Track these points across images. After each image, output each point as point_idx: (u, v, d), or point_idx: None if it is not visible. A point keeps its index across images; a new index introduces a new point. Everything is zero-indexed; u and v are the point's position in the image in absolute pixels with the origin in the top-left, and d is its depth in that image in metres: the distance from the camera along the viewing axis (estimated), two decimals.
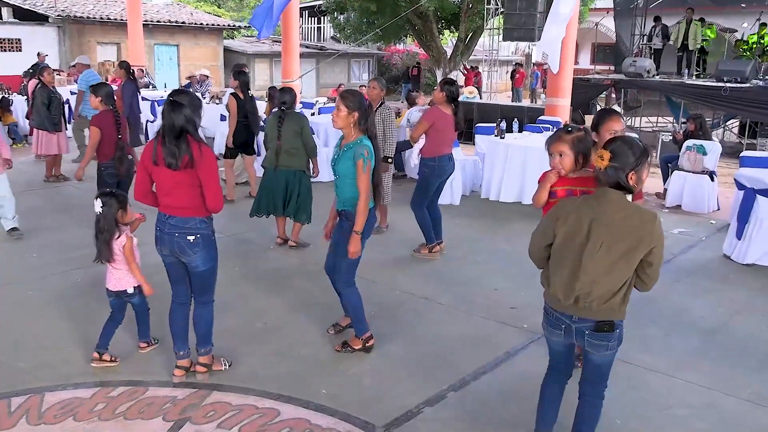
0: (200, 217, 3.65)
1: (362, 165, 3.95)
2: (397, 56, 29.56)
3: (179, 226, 3.62)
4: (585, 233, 2.68)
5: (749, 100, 12.37)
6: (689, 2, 16.55)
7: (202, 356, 3.94)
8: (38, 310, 4.92)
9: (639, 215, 2.65)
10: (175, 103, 3.51)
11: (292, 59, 14.78)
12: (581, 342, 2.83)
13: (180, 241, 3.63)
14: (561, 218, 2.75)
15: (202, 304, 3.87)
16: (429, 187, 6.23)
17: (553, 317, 2.87)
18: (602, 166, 2.63)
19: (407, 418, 3.57)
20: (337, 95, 4.95)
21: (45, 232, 6.93)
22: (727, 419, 3.64)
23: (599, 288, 2.70)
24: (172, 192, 3.59)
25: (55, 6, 21.31)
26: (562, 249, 2.76)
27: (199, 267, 3.72)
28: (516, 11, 13.03)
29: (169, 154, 3.48)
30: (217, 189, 3.62)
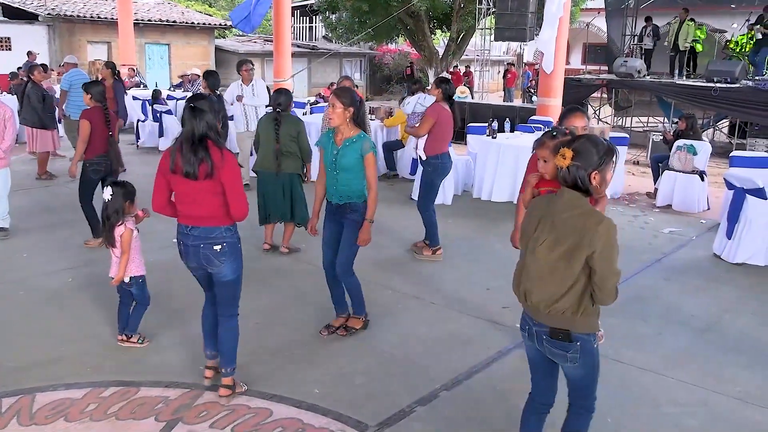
0: (225, 226, 3.51)
1: (374, 158, 4.18)
2: (389, 56, 29.56)
3: (204, 237, 3.48)
4: (533, 229, 2.67)
5: (739, 101, 12.46)
6: (680, 2, 16.64)
7: (227, 377, 3.73)
8: (29, 311, 4.89)
9: (586, 216, 2.53)
10: (195, 109, 3.35)
11: (284, 59, 14.76)
12: (542, 347, 2.73)
13: (206, 252, 3.50)
14: (526, 215, 2.80)
15: (229, 317, 3.71)
16: (435, 186, 6.29)
17: (523, 318, 2.82)
18: (563, 165, 2.54)
19: (400, 417, 3.57)
20: (329, 94, 4.97)
21: (35, 231, 6.89)
22: (717, 416, 3.67)
23: (541, 288, 2.63)
24: (195, 201, 3.44)
25: (45, 4, 21.19)
26: (521, 246, 2.80)
27: (228, 276, 3.58)
28: (507, 11, 13.06)
29: (187, 162, 3.34)
30: (242, 196, 3.47)
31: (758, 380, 4.08)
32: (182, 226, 3.54)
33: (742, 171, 6.93)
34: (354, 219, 4.28)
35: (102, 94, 6.28)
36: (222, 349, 3.74)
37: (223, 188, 3.40)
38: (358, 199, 4.25)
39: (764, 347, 4.55)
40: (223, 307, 3.70)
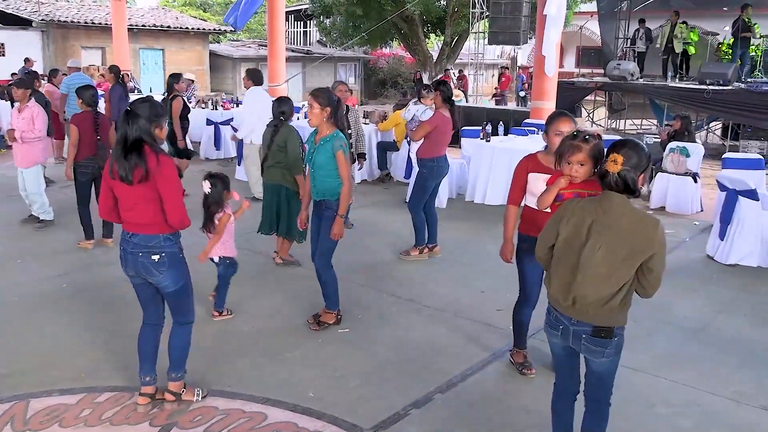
0: (164, 234, 3.40)
1: (343, 155, 4.34)
2: (384, 60, 29.60)
3: (142, 245, 3.38)
4: (584, 235, 2.68)
5: (731, 103, 12.53)
6: (672, 5, 16.71)
7: (173, 382, 3.67)
8: (23, 316, 4.89)
9: (642, 221, 2.65)
10: (130, 113, 3.32)
11: (279, 63, 14.76)
12: (577, 346, 2.81)
13: (144, 261, 3.39)
14: (564, 219, 2.76)
15: (179, 324, 3.64)
16: (427, 188, 6.32)
17: (553, 317, 2.87)
18: (615, 170, 2.61)
19: (394, 420, 3.58)
20: None
21: (30, 236, 6.89)
22: (710, 417, 3.68)
23: (595, 291, 2.68)
24: (134, 208, 3.37)
25: (39, 10, 21.16)
26: (563, 250, 2.77)
27: (169, 287, 3.48)
28: (501, 15, 13.13)
29: (122, 167, 3.28)
30: (177, 203, 3.35)
31: (751, 380, 4.10)
32: (124, 233, 3.46)
33: (735, 173, 6.98)
34: (329, 215, 4.48)
35: (93, 98, 6.39)
36: (171, 353, 3.66)
37: (159, 195, 3.32)
38: (332, 196, 4.45)
39: (757, 348, 4.58)
40: (174, 315, 3.63)
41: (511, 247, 4.00)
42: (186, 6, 37.79)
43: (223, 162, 11.49)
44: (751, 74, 14.01)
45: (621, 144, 2.69)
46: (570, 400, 3.06)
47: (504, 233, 4.00)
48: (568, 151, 3.09)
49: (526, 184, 3.88)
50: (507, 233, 4.01)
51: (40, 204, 7.08)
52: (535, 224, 3.83)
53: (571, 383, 3.04)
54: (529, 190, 3.88)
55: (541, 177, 3.78)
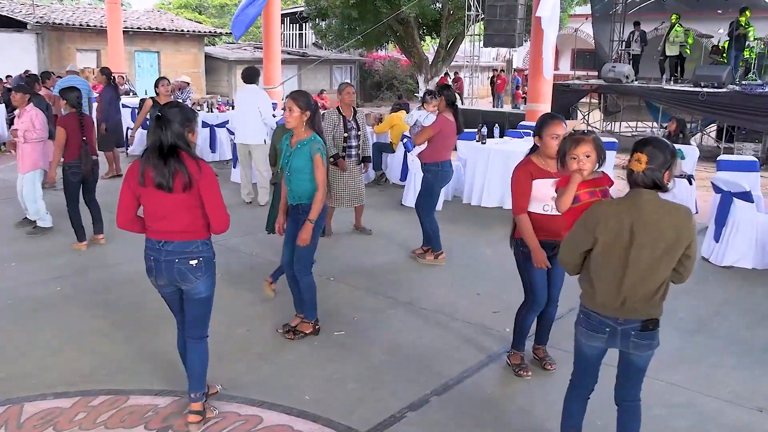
0: (202, 240, 3.34)
1: (321, 159, 4.29)
2: (379, 62, 29.63)
3: (179, 251, 3.29)
4: (628, 235, 2.67)
5: (726, 105, 12.58)
6: (667, 8, 16.77)
7: (195, 402, 3.49)
8: (16, 320, 4.86)
9: (676, 212, 2.68)
10: (162, 118, 3.22)
11: (274, 66, 14.78)
12: (625, 345, 2.83)
13: (181, 267, 3.30)
14: (601, 222, 2.72)
15: (199, 339, 3.50)
16: (434, 193, 6.32)
17: (596, 321, 2.84)
18: (640, 169, 2.64)
19: (390, 423, 3.57)
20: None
21: (23, 240, 6.86)
22: (706, 418, 3.69)
23: (644, 287, 2.72)
24: (169, 215, 3.26)
25: (34, 13, 21.11)
26: (606, 253, 2.73)
27: (202, 293, 3.39)
28: (496, 18, 13.16)
29: (160, 174, 3.17)
30: (222, 207, 3.31)
31: (747, 381, 4.11)
32: (153, 242, 3.33)
33: (730, 175, 7.00)
34: (304, 220, 4.38)
35: (78, 100, 6.49)
36: (191, 373, 3.50)
37: (200, 201, 3.25)
38: (308, 200, 4.36)
39: (752, 349, 4.59)
40: (192, 329, 3.48)
41: (545, 253, 3.83)
42: (181, 8, 37.80)
43: (219, 165, 11.47)
44: (746, 77, 14.06)
45: (645, 142, 2.70)
46: (586, 401, 3.10)
47: (530, 243, 3.84)
48: (572, 145, 3.08)
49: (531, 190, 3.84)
50: (534, 242, 3.83)
51: (34, 210, 7.00)
52: (548, 228, 3.84)
53: (592, 385, 3.07)
54: (534, 197, 3.85)
55: (548, 182, 3.75)
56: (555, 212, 3.75)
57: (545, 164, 3.84)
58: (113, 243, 6.74)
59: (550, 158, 3.78)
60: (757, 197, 6.41)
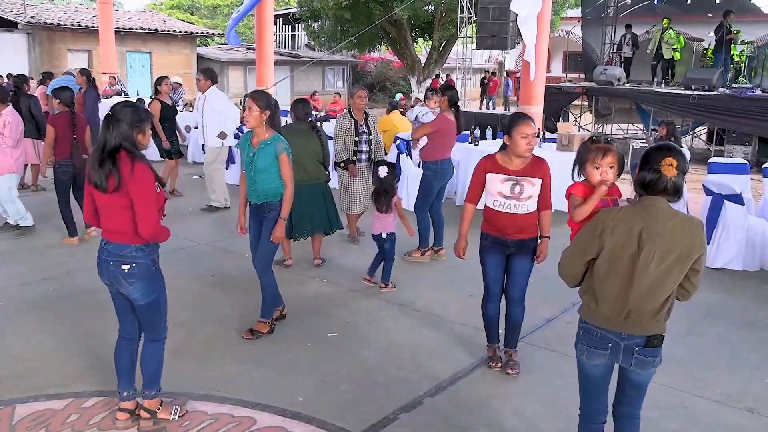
0: (137, 245, 3.26)
1: (287, 158, 4.38)
2: (372, 64, 29.65)
3: (114, 254, 3.26)
4: (635, 244, 2.55)
5: (716, 108, 12.66)
6: (658, 12, 16.87)
7: (148, 400, 3.50)
8: (8, 321, 4.84)
9: (688, 223, 2.57)
10: (112, 118, 3.20)
11: (267, 67, 14.75)
12: (627, 361, 2.69)
13: (114, 270, 3.26)
14: (607, 230, 2.59)
15: (150, 341, 3.47)
16: (431, 191, 6.38)
17: (597, 336, 2.70)
18: (673, 175, 2.52)
19: (384, 424, 3.58)
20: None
21: (14, 241, 6.82)
22: (697, 419, 3.72)
23: (652, 300, 2.60)
24: (108, 215, 3.27)
25: (25, 12, 21.00)
26: (610, 262, 2.61)
27: (139, 300, 3.33)
28: (489, 20, 13.18)
29: (96, 174, 3.18)
30: (149, 214, 3.20)
31: (737, 383, 4.14)
32: (101, 239, 3.35)
33: (720, 177, 7.04)
34: (272, 217, 4.45)
35: (71, 99, 6.63)
36: (144, 371, 3.48)
37: (131, 204, 3.19)
38: (274, 198, 4.44)
39: (742, 350, 4.63)
40: (145, 331, 3.48)
41: (464, 244, 4.17)
42: (173, 9, 37.67)
43: None
44: (736, 80, 14.17)
45: (669, 148, 2.59)
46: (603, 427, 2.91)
47: (459, 229, 4.15)
48: (597, 155, 2.96)
49: (485, 183, 4.00)
50: (462, 230, 4.16)
51: (14, 211, 6.93)
52: (495, 223, 4.02)
53: (604, 416, 2.89)
54: (488, 190, 4.00)
55: (498, 178, 3.92)
56: (503, 209, 3.97)
57: (507, 161, 3.95)
58: None
59: (518, 157, 3.91)
60: (747, 199, 6.46)
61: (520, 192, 3.93)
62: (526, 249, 4.04)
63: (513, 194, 3.93)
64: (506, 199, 3.94)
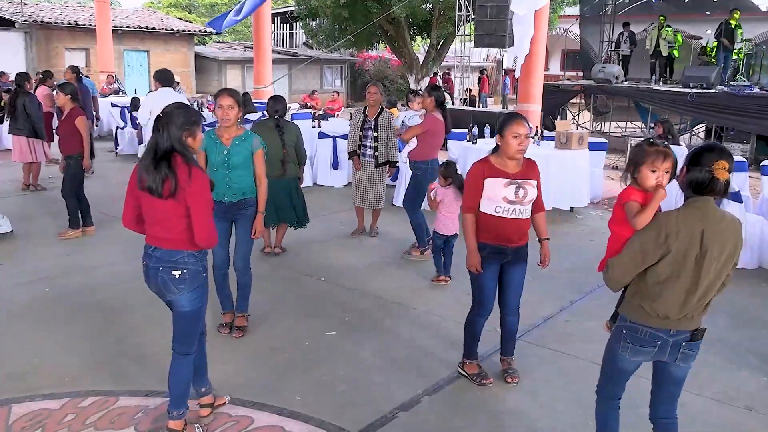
0: (189, 251, 3.17)
1: (262, 153, 4.46)
2: (370, 62, 29.62)
3: (165, 259, 3.16)
4: (698, 246, 2.60)
5: (715, 106, 12.67)
6: (656, 10, 16.86)
7: (174, 420, 3.31)
8: (3, 321, 4.82)
9: (733, 221, 2.67)
10: (163, 119, 3.11)
11: (264, 65, 14.75)
12: (673, 356, 2.78)
13: (164, 277, 3.16)
14: (672, 235, 2.62)
15: (182, 356, 3.29)
16: (423, 190, 6.38)
17: (647, 335, 2.76)
18: (726, 177, 2.58)
19: (382, 424, 3.57)
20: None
21: (11, 240, 6.80)
22: (694, 417, 3.71)
23: (707, 297, 2.71)
24: (159, 221, 3.15)
25: (22, 11, 20.95)
26: (677, 264, 2.64)
27: (185, 307, 3.22)
28: (487, 18, 13.14)
29: (151, 178, 3.06)
30: (207, 220, 3.13)
31: (734, 381, 4.14)
32: (147, 246, 3.24)
33: None
34: (250, 214, 4.50)
35: (76, 94, 6.74)
36: (173, 389, 3.30)
37: (188, 211, 3.10)
38: (251, 194, 4.49)
39: (739, 348, 4.63)
40: (176, 343, 3.30)
41: (479, 258, 3.80)
42: (171, 7, 37.63)
43: None
44: (734, 78, 14.17)
45: (719, 149, 2.64)
46: (618, 410, 3.04)
47: (468, 243, 3.80)
48: (657, 158, 2.83)
49: (483, 190, 3.77)
50: (472, 243, 3.80)
51: None
52: (496, 231, 3.77)
53: (621, 393, 3.03)
54: (487, 196, 3.76)
55: (500, 182, 3.72)
56: (507, 215, 3.75)
57: (503, 164, 3.77)
58: (100, 244, 6.71)
59: (510, 158, 3.74)
60: (745, 197, 6.45)
61: (524, 196, 3.75)
62: (522, 256, 3.90)
63: (517, 198, 3.74)
64: (510, 204, 3.74)
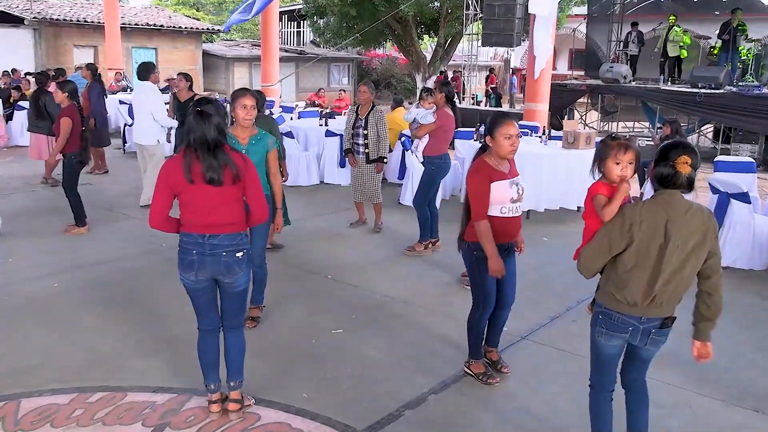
0: (244, 232, 3.42)
1: (276, 152, 4.57)
2: (377, 61, 29.62)
3: (226, 244, 3.32)
4: (662, 235, 2.74)
5: (723, 106, 12.61)
6: (665, 9, 16.80)
7: (235, 390, 3.57)
8: (12, 316, 4.85)
9: (699, 212, 2.78)
10: (204, 113, 3.20)
11: (272, 63, 14.76)
12: (643, 341, 2.95)
13: (228, 260, 3.33)
14: (635, 225, 2.77)
15: (237, 328, 3.57)
16: (434, 185, 6.54)
17: (618, 321, 2.92)
18: (687, 171, 2.72)
19: (388, 421, 3.58)
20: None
21: (20, 235, 6.84)
22: (699, 417, 3.71)
23: (674, 285, 2.82)
24: (218, 208, 3.28)
25: (31, 8, 21.03)
26: (639, 254, 2.79)
27: (242, 285, 3.46)
28: (495, 17, 13.14)
29: (210, 169, 3.18)
30: (263, 198, 3.42)
31: (740, 382, 4.13)
32: (195, 236, 3.31)
33: (727, 176, 7.01)
34: (275, 209, 4.58)
35: (75, 92, 6.85)
36: (232, 362, 3.56)
37: (244, 192, 3.34)
38: (267, 191, 4.51)
39: (745, 349, 4.61)
40: (231, 318, 3.53)
41: (502, 263, 3.79)
42: (179, 5, 37.70)
43: None
44: (743, 78, 14.10)
45: (683, 146, 2.80)
46: (611, 402, 3.14)
47: (489, 250, 3.76)
48: (619, 151, 3.01)
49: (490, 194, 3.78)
50: (493, 249, 3.76)
51: None
52: (503, 231, 3.83)
53: (613, 384, 3.14)
54: (494, 200, 3.79)
55: (504, 184, 3.79)
56: (512, 214, 3.86)
57: (498, 165, 3.82)
58: (108, 240, 6.74)
59: (501, 158, 3.81)
60: (754, 198, 6.43)
61: (522, 192, 3.91)
62: (512, 248, 4.02)
63: (518, 196, 3.87)
64: (513, 203, 3.84)
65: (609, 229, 2.85)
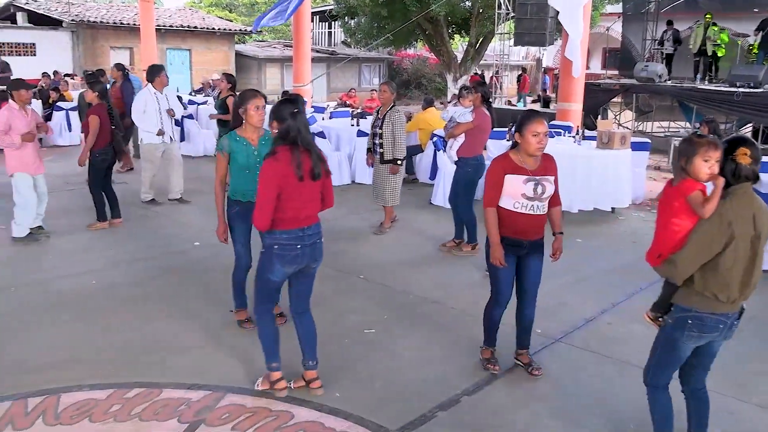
0: None
1: None
2: (408, 61, 29.60)
3: (316, 232, 3.64)
4: (752, 228, 2.79)
5: (762, 105, 12.30)
6: (701, 7, 16.46)
7: (314, 370, 3.85)
8: (53, 312, 4.96)
9: (763, 202, 2.87)
10: (299, 113, 3.44)
11: (304, 64, 14.84)
12: (725, 335, 3.00)
13: (320, 246, 3.68)
14: (734, 222, 2.79)
15: (308, 311, 3.86)
16: (473, 186, 6.50)
17: (713, 322, 2.94)
18: (748, 162, 2.79)
19: (421, 422, 3.57)
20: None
21: (59, 234, 6.96)
22: (741, 424, 3.63)
23: (759, 276, 2.87)
24: (312, 201, 3.59)
25: (69, 11, 21.50)
26: (737, 249, 2.81)
27: (318, 267, 3.78)
28: (527, 16, 13.05)
29: (317, 164, 3.50)
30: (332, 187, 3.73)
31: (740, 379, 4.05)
32: (295, 231, 3.53)
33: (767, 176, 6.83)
34: None
35: (105, 92, 7.06)
36: (310, 341, 3.83)
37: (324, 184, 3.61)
38: None
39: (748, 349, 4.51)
40: (306, 300, 3.82)
41: (502, 251, 3.86)
42: (212, 7, 38.17)
43: None
44: None
45: (742, 140, 2.87)
46: None
47: (491, 237, 3.89)
48: (708, 149, 2.92)
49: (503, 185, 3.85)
50: (495, 237, 3.87)
51: (18, 216, 6.57)
52: (512, 225, 3.88)
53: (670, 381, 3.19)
54: (507, 193, 3.85)
55: (519, 179, 3.80)
56: (525, 211, 3.86)
57: (522, 161, 3.85)
58: (143, 237, 6.84)
59: (529, 155, 3.84)
60: None
61: (542, 192, 3.86)
62: (539, 248, 3.99)
63: (536, 195, 3.84)
64: (529, 200, 3.84)
65: (706, 228, 2.84)
